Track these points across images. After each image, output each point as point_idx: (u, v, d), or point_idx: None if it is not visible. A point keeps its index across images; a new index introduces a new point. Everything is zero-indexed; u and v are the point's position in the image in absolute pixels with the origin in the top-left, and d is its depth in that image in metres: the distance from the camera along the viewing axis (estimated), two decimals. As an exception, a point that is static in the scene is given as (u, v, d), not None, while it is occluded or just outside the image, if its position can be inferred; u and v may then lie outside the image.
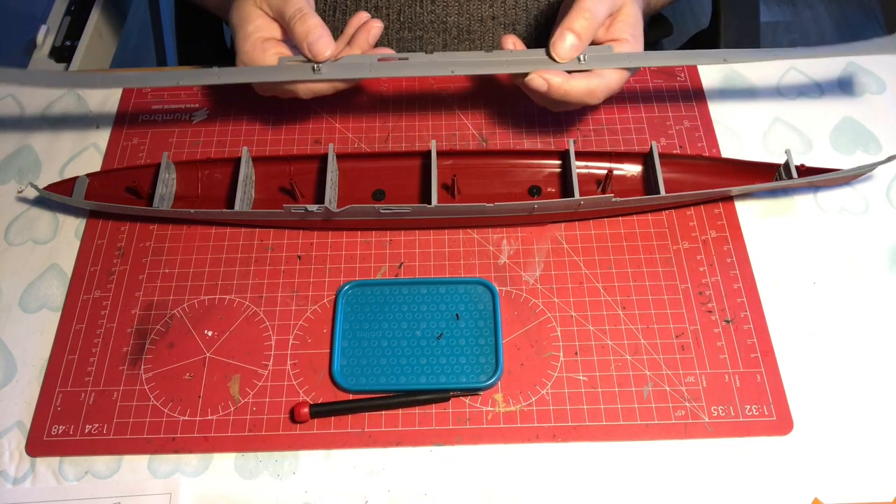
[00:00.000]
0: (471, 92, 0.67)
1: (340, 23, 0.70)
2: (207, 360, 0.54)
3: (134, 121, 0.66)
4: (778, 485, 0.48)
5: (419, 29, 0.69)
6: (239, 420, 0.51)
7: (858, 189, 0.60)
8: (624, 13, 0.57)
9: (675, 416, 0.50)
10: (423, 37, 0.70)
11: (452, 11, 0.68)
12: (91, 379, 0.53)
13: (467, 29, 0.69)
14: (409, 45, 0.70)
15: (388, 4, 0.68)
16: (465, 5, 0.68)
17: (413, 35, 0.70)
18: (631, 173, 0.60)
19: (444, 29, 0.69)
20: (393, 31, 0.69)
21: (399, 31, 0.69)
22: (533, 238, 0.58)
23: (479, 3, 0.68)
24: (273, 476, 0.49)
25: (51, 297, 0.57)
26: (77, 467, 0.50)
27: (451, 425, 0.51)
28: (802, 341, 0.53)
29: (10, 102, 0.68)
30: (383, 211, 0.55)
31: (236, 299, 0.56)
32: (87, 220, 0.61)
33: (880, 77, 0.67)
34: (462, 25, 0.69)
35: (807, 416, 0.50)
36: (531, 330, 0.54)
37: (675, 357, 0.53)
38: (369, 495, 0.49)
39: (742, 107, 0.65)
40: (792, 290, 0.56)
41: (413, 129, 0.65)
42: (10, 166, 0.64)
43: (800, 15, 1.73)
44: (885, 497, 0.48)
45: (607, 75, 0.55)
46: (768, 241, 0.58)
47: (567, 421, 0.50)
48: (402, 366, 0.53)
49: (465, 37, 0.70)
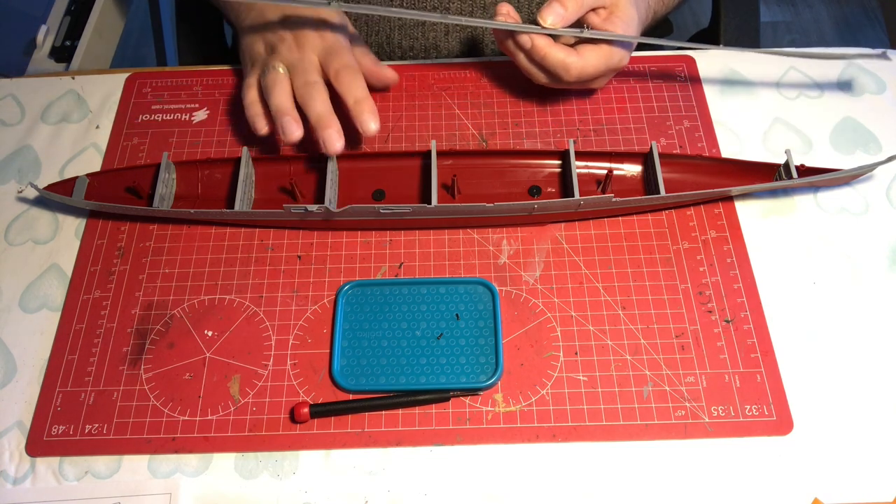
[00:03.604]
0: (471, 91, 0.67)
1: None
2: (207, 360, 0.54)
3: (134, 121, 0.66)
4: (778, 485, 0.48)
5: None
6: (239, 420, 0.51)
7: (858, 189, 0.60)
8: (620, 9, 0.59)
9: (675, 416, 0.50)
10: (426, 23, 0.70)
11: None
12: (91, 379, 0.53)
13: (469, 16, 0.69)
14: (411, 31, 0.70)
15: None
16: None
17: (415, 22, 0.70)
18: (631, 173, 0.60)
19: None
20: (395, 17, 0.69)
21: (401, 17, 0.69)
22: (533, 238, 0.58)
23: None
24: (273, 476, 0.49)
25: (51, 297, 0.57)
26: (77, 467, 0.50)
27: (451, 425, 0.51)
28: (802, 341, 0.53)
29: (10, 102, 0.68)
30: (383, 211, 0.55)
31: (236, 299, 0.56)
32: (87, 220, 0.61)
33: (880, 77, 0.67)
34: (464, 12, 0.69)
35: (807, 416, 0.50)
36: (531, 330, 0.54)
37: (675, 357, 0.53)
38: (369, 495, 0.49)
39: (742, 107, 0.65)
40: (792, 290, 0.56)
41: (413, 129, 0.65)
42: (10, 166, 0.64)
43: (800, 15, 1.73)
44: (885, 497, 0.48)
45: (587, 56, 0.58)
46: (768, 241, 0.58)
47: (567, 421, 0.50)
48: (402, 366, 0.53)
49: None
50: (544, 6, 0.57)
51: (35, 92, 0.69)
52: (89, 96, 0.69)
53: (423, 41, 0.70)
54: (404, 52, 0.71)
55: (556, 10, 0.57)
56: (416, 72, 0.68)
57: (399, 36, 0.70)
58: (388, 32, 0.70)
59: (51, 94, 0.69)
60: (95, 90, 0.69)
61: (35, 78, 0.71)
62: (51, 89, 0.69)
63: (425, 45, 0.71)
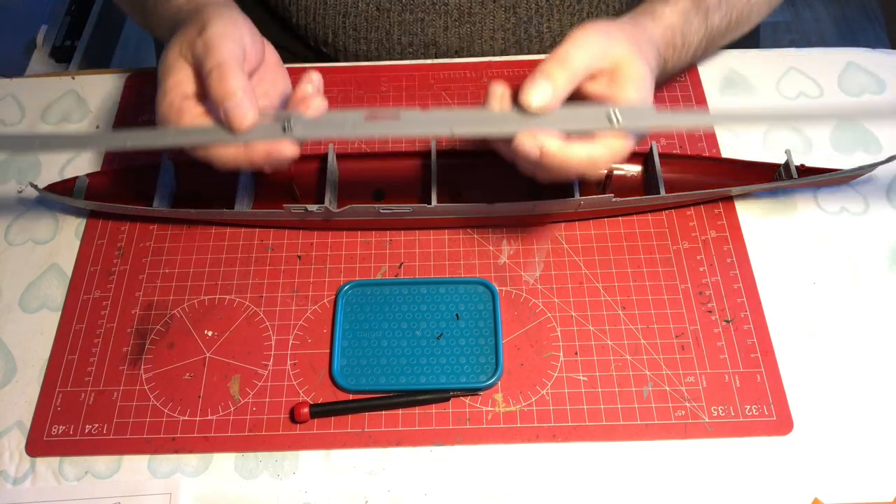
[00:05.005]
0: (471, 92, 0.67)
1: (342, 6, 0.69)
2: (207, 360, 0.54)
3: (134, 121, 0.66)
4: (778, 485, 0.48)
5: (420, 11, 0.69)
6: (239, 420, 0.51)
7: (858, 189, 0.60)
8: (626, 69, 0.47)
9: (675, 416, 0.50)
10: (425, 19, 0.70)
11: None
12: (91, 379, 0.53)
13: (468, 11, 0.69)
14: (410, 27, 0.70)
15: None
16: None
17: (414, 17, 0.70)
18: (631, 173, 0.60)
19: (445, 11, 0.69)
20: (395, 13, 0.69)
21: (400, 13, 0.69)
22: (533, 238, 0.58)
23: None
24: (273, 476, 0.49)
25: (51, 297, 0.57)
26: (77, 467, 0.50)
27: (451, 425, 0.51)
28: (802, 341, 0.53)
29: (9, 102, 0.68)
30: (383, 211, 0.55)
31: (236, 299, 0.56)
32: (87, 220, 0.61)
33: (880, 77, 0.67)
34: (463, 7, 0.69)
35: (807, 416, 0.50)
36: (531, 330, 0.54)
37: (675, 357, 0.53)
38: (369, 495, 0.49)
39: (742, 107, 0.65)
40: (792, 290, 0.56)
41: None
42: (10, 166, 0.64)
43: (800, 15, 1.73)
44: (885, 497, 0.48)
45: (610, 142, 0.46)
46: (768, 241, 0.58)
47: (567, 421, 0.50)
48: (402, 366, 0.53)
49: (466, 19, 0.70)
50: (525, 83, 0.45)
51: (35, 92, 0.69)
52: (89, 96, 0.69)
53: (422, 37, 0.70)
54: (403, 48, 0.71)
55: (541, 89, 0.44)
56: (416, 71, 0.68)
57: (398, 32, 0.70)
58: (388, 28, 0.70)
59: (51, 94, 0.69)
60: (95, 90, 0.69)
61: (35, 78, 0.71)
62: (51, 89, 0.69)
63: (424, 42, 0.71)
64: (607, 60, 0.46)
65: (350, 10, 0.70)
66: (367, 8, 0.70)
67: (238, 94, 0.43)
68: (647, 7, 0.55)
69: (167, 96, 0.46)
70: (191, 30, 0.47)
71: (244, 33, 0.47)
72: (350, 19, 0.70)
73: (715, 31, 0.59)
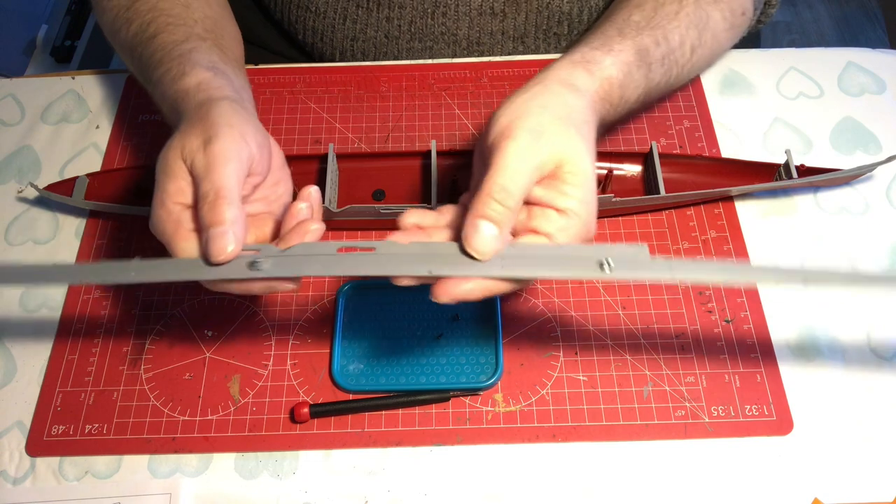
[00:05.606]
0: (471, 92, 0.67)
1: (350, 31, 0.70)
2: (207, 360, 0.54)
3: (134, 121, 0.66)
4: (778, 485, 0.48)
5: (429, 40, 0.69)
6: (239, 420, 0.51)
7: (858, 189, 0.60)
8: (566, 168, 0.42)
9: (675, 416, 0.50)
10: (433, 48, 0.70)
11: (463, 25, 0.69)
12: (91, 379, 0.53)
13: (477, 41, 0.70)
14: (419, 54, 0.71)
15: (399, 16, 0.68)
16: (477, 20, 0.68)
17: (423, 46, 0.70)
18: (631, 173, 0.60)
19: (454, 41, 0.69)
20: (403, 41, 0.70)
21: (409, 41, 0.70)
22: (533, 238, 0.58)
23: (490, 18, 0.68)
24: (273, 476, 0.49)
25: (51, 297, 0.57)
26: (77, 467, 0.50)
27: (451, 425, 0.51)
28: (802, 341, 0.53)
29: (10, 102, 0.68)
30: (383, 211, 0.55)
31: (236, 299, 0.56)
32: (87, 220, 0.61)
33: (880, 77, 0.67)
34: (472, 38, 0.69)
35: (807, 416, 0.50)
36: (531, 330, 0.54)
37: (675, 357, 0.53)
38: (369, 495, 0.49)
39: (742, 107, 0.65)
40: (792, 290, 0.55)
41: (413, 129, 0.65)
42: (10, 166, 0.64)
43: (800, 15, 1.73)
44: (885, 497, 0.48)
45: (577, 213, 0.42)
46: (768, 241, 0.58)
47: (567, 421, 0.50)
48: (402, 366, 0.53)
49: (475, 48, 0.70)
50: (467, 227, 0.40)
51: (35, 92, 0.69)
52: (89, 96, 0.69)
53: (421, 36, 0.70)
54: (401, 49, 0.71)
55: (486, 236, 0.40)
56: (416, 71, 0.68)
57: (407, 60, 0.70)
58: (396, 55, 0.71)
59: (51, 94, 0.69)
60: (95, 90, 0.69)
61: (35, 78, 0.71)
62: (51, 89, 0.69)
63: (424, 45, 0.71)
64: (547, 168, 0.42)
65: (359, 36, 0.70)
66: (377, 35, 0.70)
67: (225, 225, 0.41)
68: (588, 54, 0.49)
69: (166, 204, 0.44)
70: (195, 134, 0.43)
71: (252, 147, 0.44)
72: (359, 44, 0.71)
73: (654, 87, 0.53)
